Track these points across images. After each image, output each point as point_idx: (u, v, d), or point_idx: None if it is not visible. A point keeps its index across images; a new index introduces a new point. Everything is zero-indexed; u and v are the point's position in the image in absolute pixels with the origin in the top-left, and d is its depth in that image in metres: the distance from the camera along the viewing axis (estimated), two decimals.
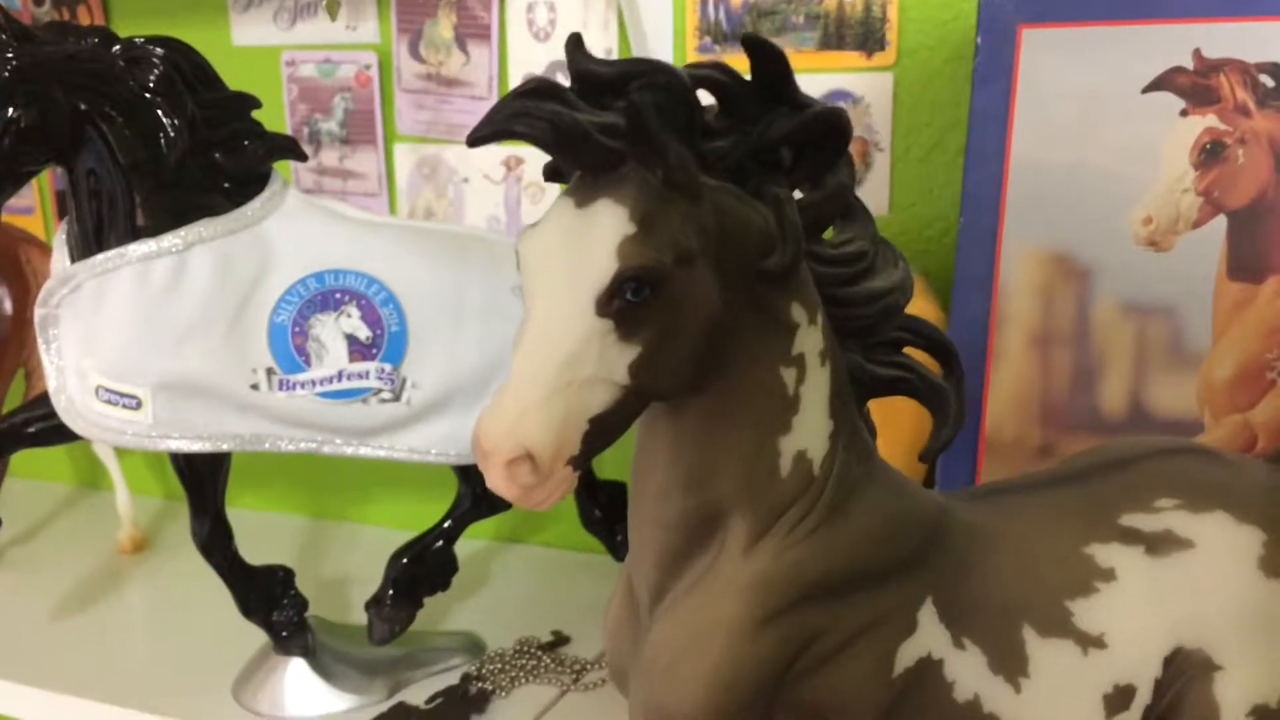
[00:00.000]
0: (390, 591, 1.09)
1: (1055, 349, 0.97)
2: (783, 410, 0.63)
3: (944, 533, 0.68)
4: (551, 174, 0.62)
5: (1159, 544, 0.68)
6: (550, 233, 0.58)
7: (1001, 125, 0.96)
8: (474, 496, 1.12)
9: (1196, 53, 0.92)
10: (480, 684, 1.10)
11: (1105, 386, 0.96)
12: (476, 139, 0.58)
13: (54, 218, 1.66)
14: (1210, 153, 0.93)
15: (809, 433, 0.64)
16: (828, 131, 0.61)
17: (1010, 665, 0.66)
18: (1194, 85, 0.93)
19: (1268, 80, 0.91)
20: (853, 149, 1.19)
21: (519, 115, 0.56)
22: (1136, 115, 0.94)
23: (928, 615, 0.66)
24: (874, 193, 1.22)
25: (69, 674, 1.16)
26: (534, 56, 1.33)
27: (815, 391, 0.64)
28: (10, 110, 0.91)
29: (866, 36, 1.18)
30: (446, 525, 1.12)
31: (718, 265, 0.59)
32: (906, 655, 0.65)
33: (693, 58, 1.25)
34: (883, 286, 0.65)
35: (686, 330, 0.58)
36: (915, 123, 1.19)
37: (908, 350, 0.68)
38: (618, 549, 1.20)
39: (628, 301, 0.55)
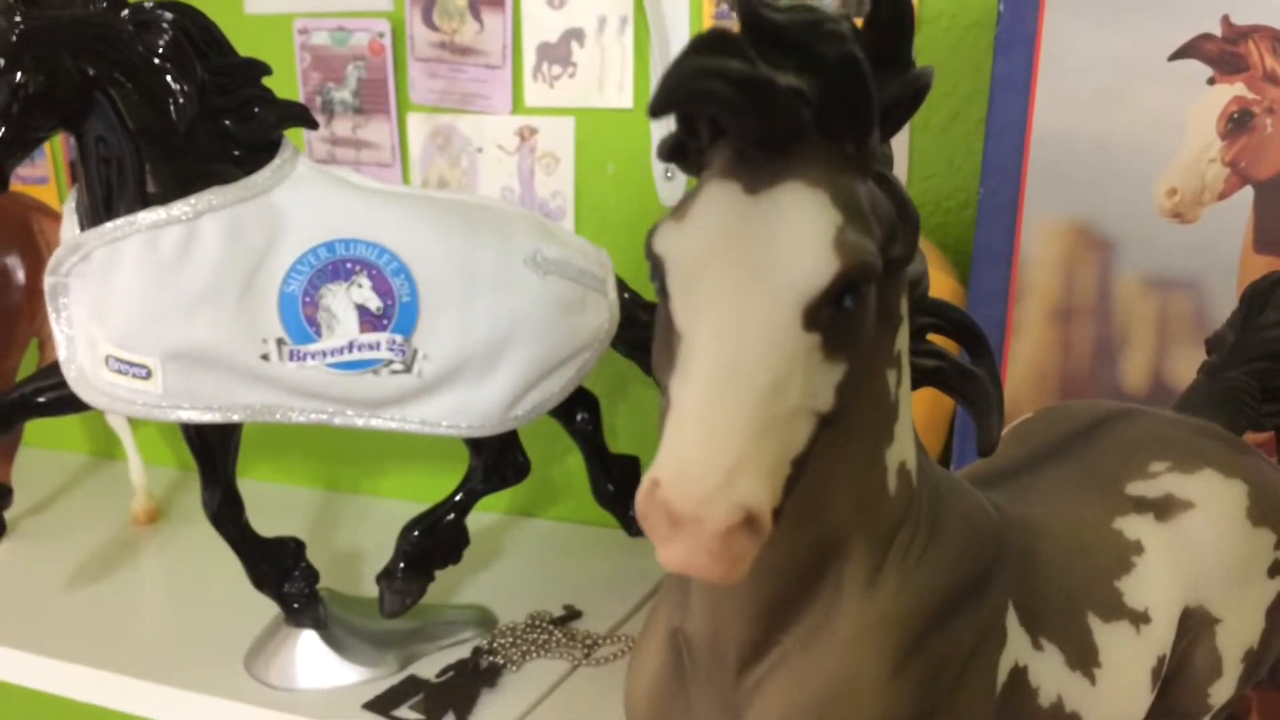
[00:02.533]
0: (401, 564, 1.09)
1: (1076, 322, 0.95)
2: (888, 417, 0.54)
3: (1004, 527, 0.63)
4: (672, 152, 0.50)
5: (1165, 508, 0.69)
6: (719, 227, 0.46)
7: (1024, 94, 0.95)
8: (485, 469, 1.11)
9: (1225, 19, 0.90)
10: (491, 657, 1.10)
11: (1127, 361, 0.94)
12: (660, 108, 0.45)
13: (68, 188, 1.65)
14: (1238, 122, 0.91)
15: (905, 441, 0.56)
16: (917, 98, 0.51)
17: (1083, 659, 0.64)
18: (1222, 53, 0.91)
19: None
20: None
21: (706, 74, 0.44)
22: (1162, 83, 0.92)
23: (1013, 621, 0.61)
24: (894, 164, 1.20)
25: (82, 644, 1.16)
26: (549, 24, 1.32)
27: (905, 393, 0.56)
28: (18, 75, 0.90)
29: None
30: (458, 498, 1.11)
31: None
32: (1004, 666, 0.59)
33: (710, 25, 1.23)
34: (916, 270, 0.57)
35: (875, 341, 0.50)
36: (935, 92, 1.15)
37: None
38: (630, 524, 1.19)
39: (845, 310, 0.46)
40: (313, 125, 1.04)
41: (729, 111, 0.45)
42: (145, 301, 0.94)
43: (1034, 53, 0.94)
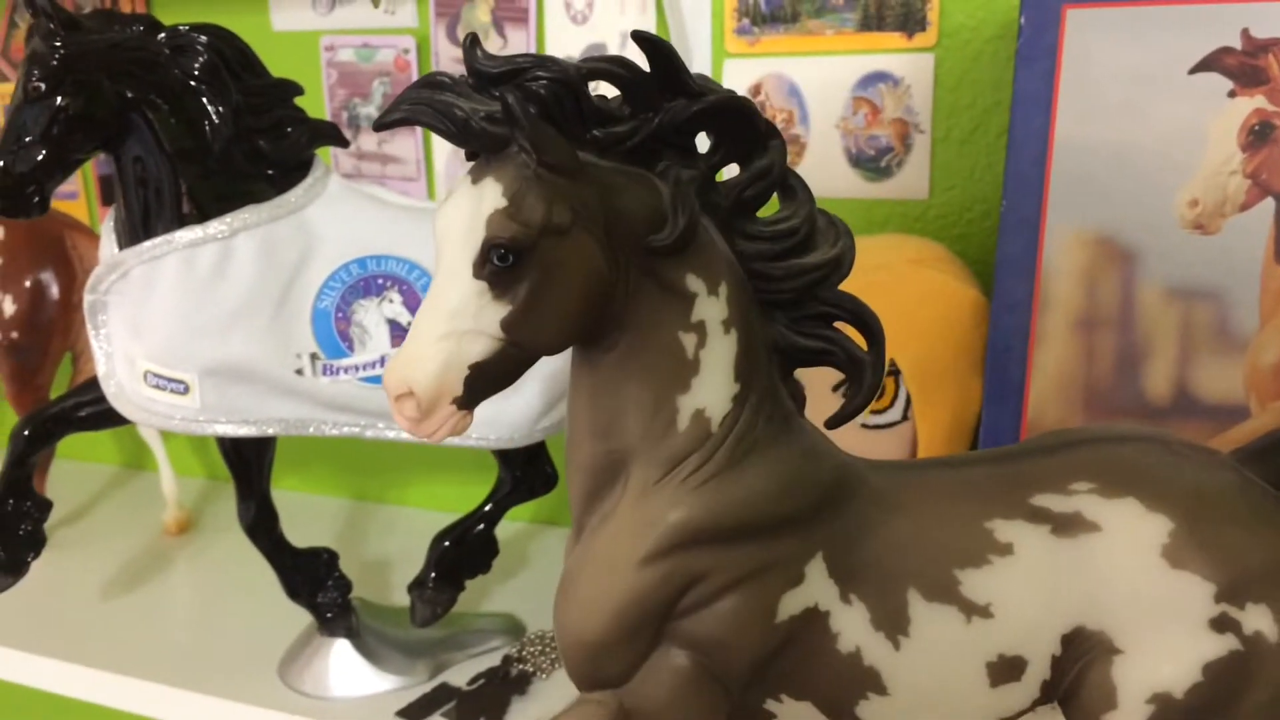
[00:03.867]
0: (433, 574, 1.10)
1: (1099, 333, 0.96)
2: (682, 370, 0.69)
3: (847, 496, 0.72)
4: (469, 155, 0.68)
5: (1066, 525, 0.70)
6: (452, 205, 0.65)
7: (1045, 107, 0.95)
8: (514, 480, 1.13)
9: (1245, 33, 0.90)
10: (521, 665, 1.11)
11: (1150, 371, 0.95)
12: (380, 125, 0.67)
13: (98, 203, 1.68)
14: (1259, 134, 0.91)
15: (709, 393, 0.69)
16: (728, 116, 0.67)
17: (892, 624, 0.70)
18: (1242, 66, 0.91)
19: None
20: (892, 131, 1.20)
21: (415, 104, 0.65)
22: (1183, 96, 0.92)
23: (816, 570, 0.70)
24: (914, 176, 1.21)
25: (117, 653, 1.18)
26: (571, 39, 1.33)
27: (717, 356, 0.69)
28: (58, 99, 0.92)
29: (907, 17, 1.18)
30: (487, 509, 1.13)
31: (605, 237, 0.65)
32: (791, 604, 0.69)
33: (731, 39, 1.25)
34: (810, 263, 0.70)
35: (559, 292, 0.64)
36: (956, 104, 1.18)
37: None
38: None
39: (495, 266, 0.63)
40: (344, 144, 1.06)
41: (432, 129, 0.65)
42: (183, 318, 0.96)
43: (1055, 66, 0.95)
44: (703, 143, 0.69)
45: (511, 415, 1.02)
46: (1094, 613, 0.69)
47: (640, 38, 0.65)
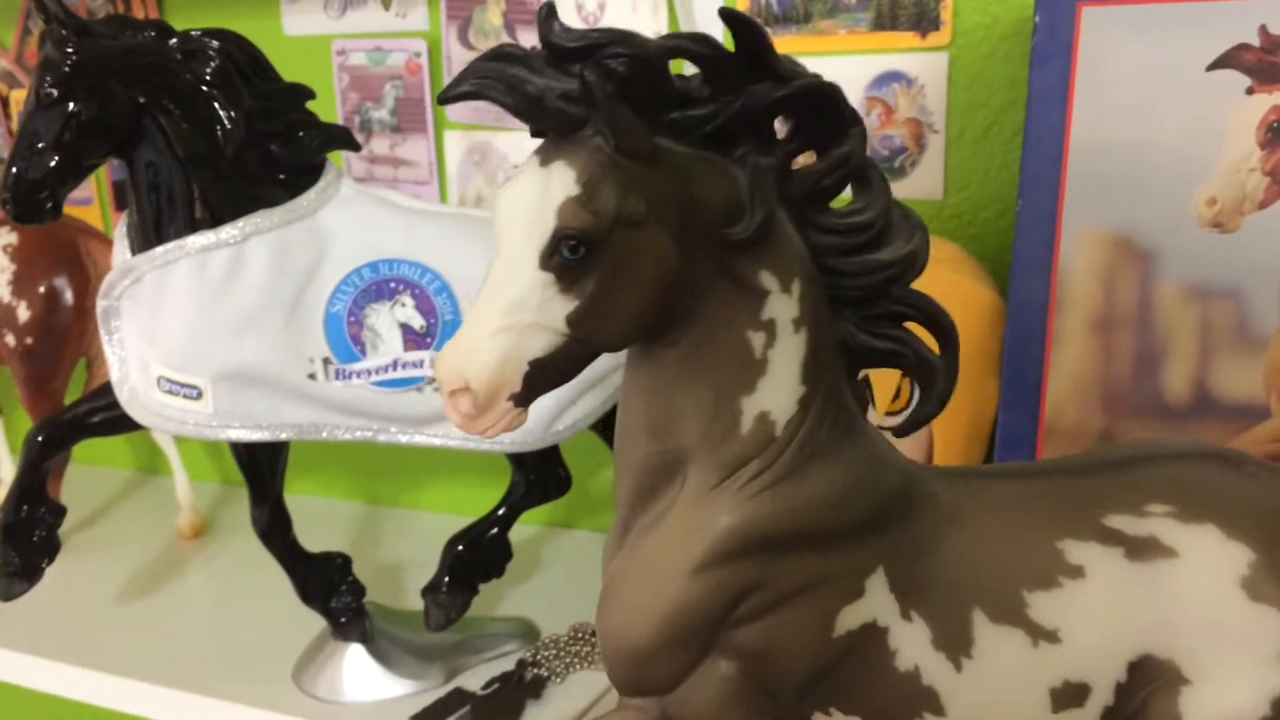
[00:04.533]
0: (446, 578, 1.10)
1: (1117, 333, 0.95)
2: (748, 371, 0.66)
3: (911, 507, 0.69)
4: (535, 132, 0.64)
5: (1141, 549, 0.67)
6: (517, 188, 0.61)
7: (1061, 105, 0.95)
8: (528, 483, 1.12)
9: (1262, 29, 0.89)
10: (536, 670, 1.11)
11: (1169, 371, 0.94)
12: (445, 98, 0.63)
13: (111, 209, 1.68)
14: (1277, 131, 0.90)
15: (775, 395, 0.66)
16: (814, 101, 0.64)
17: (954, 644, 0.67)
18: (1260, 62, 0.90)
19: None
20: (906, 131, 1.19)
21: (485, 78, 0.61)
22: (1200, 94, 0.91)
23: (877, 583, 0.67)
24: (928, 175, 1.20)
25: (131, 658, 1.18)
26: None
27: (786, 356, 0.66)
28: (71, 105, 0.92)
29: (920, 16, 1.17)
30: (501, 512, 1.13)
31: (679, 228, 0.62)
32: (849, 618, 0.67)
33: None
34: (884, 259, 0.66)
35: (629, 287, 0.61)
36: (971, 103, 1.17)
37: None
38: None
39: (565, 258, 0.59)
40: (355, 148, 1.06)
41: (500, 104, 0.61)
42: (195, 323, 0.96)
43: (1071, 64, 0.94)
44: (777, 127, 0.66)
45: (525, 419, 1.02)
46: (1165, 641, 0.67)
47: (729, 15, 0.61)
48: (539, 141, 0.63)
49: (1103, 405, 0.96)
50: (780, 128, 0.66)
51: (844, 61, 1.21)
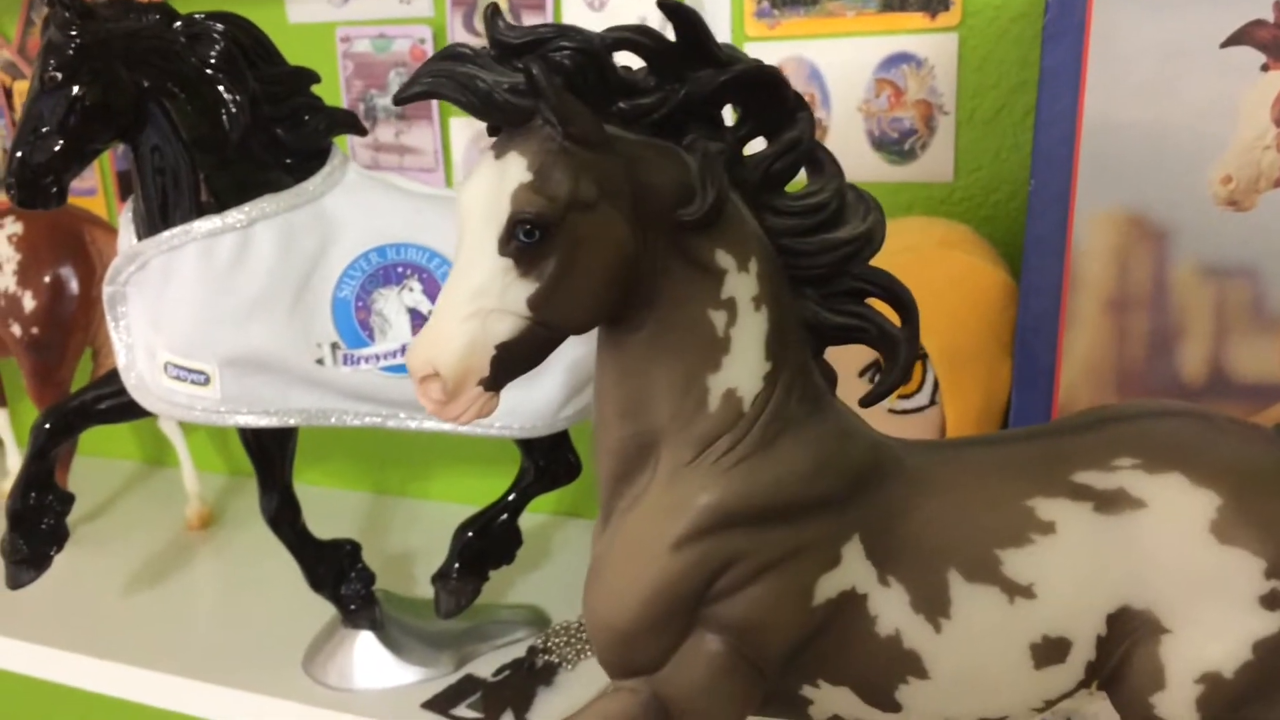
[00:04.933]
0: (456, 565, 1.10)
1: (1131, 313, 0.94)
2: (712, 349, 0.67)
3: (883, 476, 0.71)
4: (491, 130, 0.67)
5: (1110, 502, 0.68)
6: (475, 181, 0.64)
7: (1073, 84, 0.94)
8: (537, 470, 1.12)
9: (1276, 5, 0.88)
10: (546, 656, 1.10)
11: (1184, 351, 0.93)
12: (400, 99, 0.65)
13: (116, 198, 1.67)
14: None
15: (740, 372, 0.68)
16: (758, 88, 0.66)
17: (932, 605, 0.69)
18: (1274, 39, 0.89)
19: None
20: (916, 113, 1.19)
21: (436, 76, 0.63)
22: (1214, 71, 0.90)
23: (853, 551, 0.69)
24: (939, 158, 1.19)
25: (141, 648, 1.18)
26: (589, 26, 1.32)
27: (748, 334, 0.68)
28: (75, 88, 0.92)
29: None
30: (511, 499, 1.12)
31: (633, 212, 0.64)
32: (828, 586, 0.68)
33: (751, 22, 1.23)
34: (841, 238, 0.68)
35: (586, 269, 0.63)
36: (981, 84, 1.16)
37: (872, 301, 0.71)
38: None
39: (521, 242, 0.61)
40: (362, 132, 1.05)
41: (454, 102, 0.63)
42: (202, 308, 0.96)
43: (1083, 43, 0.93)
44: (727, 116, 0.68)
45: (534, 404, 1.01)
46: (1140, 591, 0.68)
47: (666, 6, 0.63)
48: None
49: (1117, 387, 0.95)
50: (729, 115, 0.68)
51: (853, 43, 1.20)
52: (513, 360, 0.63)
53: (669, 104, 0.65)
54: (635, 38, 0.64)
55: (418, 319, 0.99)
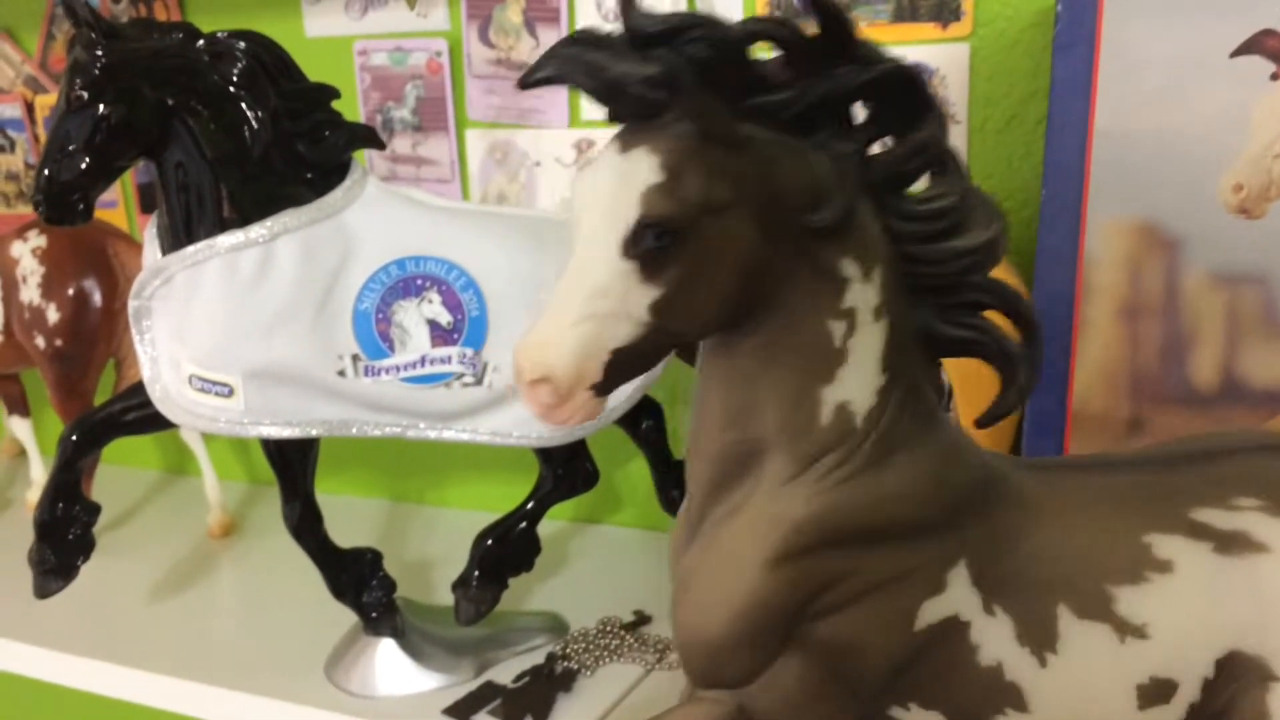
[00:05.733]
0: (476, 572, 1.11)
1: (1144, 321, 0.95)
2: (828, 360, 0.65)
3: (993, 500, 0.68)
4: (614, 116, 0.63)
5: (1230, 543, 0.66)
6: (596, 175, 0.61)
7: (1085, 93, 0.95)
8: (555, 478, 1.13)
9: None
10: (566, 663, 1.11)
11: (1196, 358, 0.94)
12: (526, 83, 0.62)
13: (136, 211, 1.69)
14: None
15: (854, 385, 0.65)
16: (896, 86, 0.63)
17: (1038, 639, 0.66)
18: (1276, 48, 0.90)
19: None
20: None
21: (566, 62, 0.59)
22: (1225, 80, 0.91)
23: (959, 577, 0.67)
24: None
25: (165, 655, 1.19)
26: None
27: (866, 346, 0.65)
28: (100, 107, 0.93)
29: (941, 7, 1.17)
30: (529, 506, 1.13)
31: (762, 215, 0.60)
32: (931, 612, 0.66)
33: None
34: (966, 245, 0.65)
35: (713, 276, 0.60)
36: (993, 94, 1.17)
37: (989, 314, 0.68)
38: None
39: (649, 246, 0.58)
40: (381, 146, 1.07)
41: (580, 89, 0.59)
42: (226, 321, 0.97)
43: (1094, 52, 0.94)
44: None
45: None
46: (1254, 637, 0.66)
47: (815, 4, 0.60)
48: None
49: (1130, 393, 0.96)
50: (855, 112, 0.65)
51: None
52: (628, 365, 0.61)
53: (804, 100, 0.61)
54: (777, 30, 0.61)
55: (437, 330, 1.00)
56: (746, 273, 0.61)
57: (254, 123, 0.97)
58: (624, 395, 1.05)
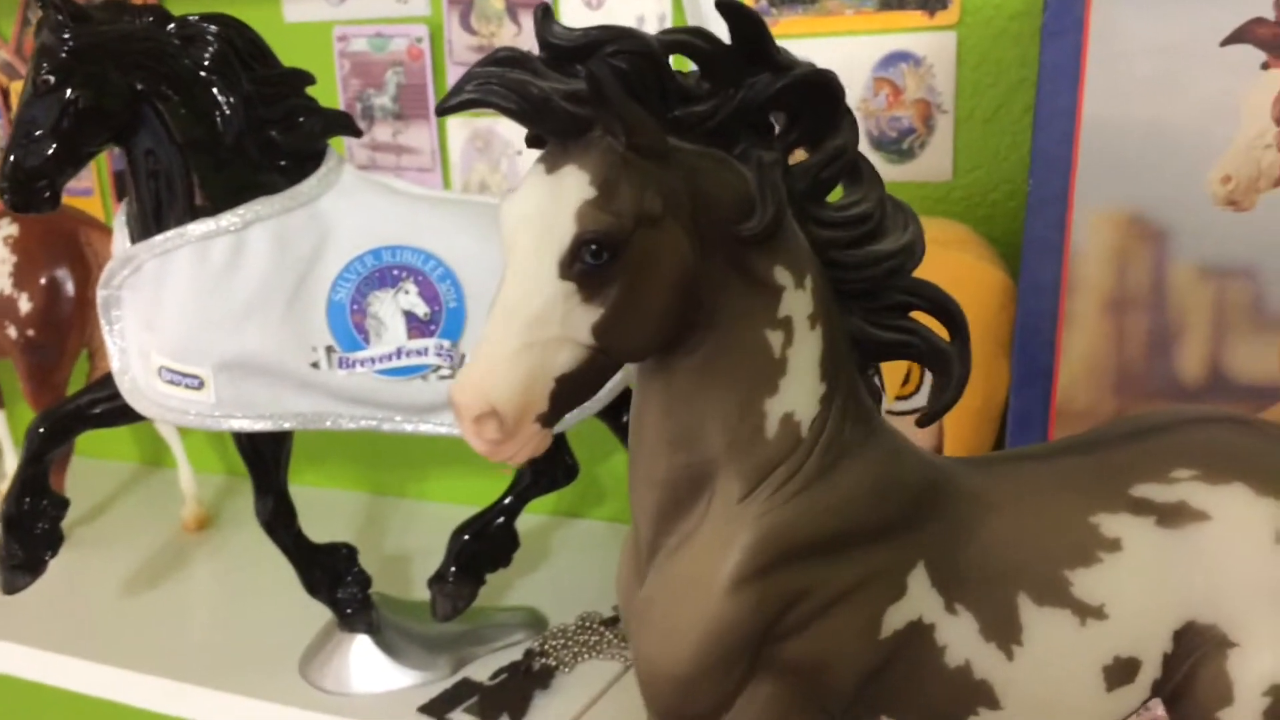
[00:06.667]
0: (453, 568, 1.09)
1: (1130, 314, 0.94)
2: (769, 372, 0.64)
3: (941, 498, 0.68)
4: (533, 140, 0.62)
5: (1172, 515, 0.67)
6: (524, 199, 0.59)
7: (1072, 83, 0.93)
8: (534, 472, 1.11)
9: (1277, 3, 0.88)
10: (544, 659, 1.10)
11: (1183, 352, 0.93)
12: (443, 109, 0.60)
13: (112, 199, 1.67)
14: None
15: (797, 395, 0.64)
16: (814, 93, 0.62)
17: (1003, 632, 0.66)
18: (1275, 37, 0.89)
19: None
20: (914, 112, 1.18)
21: (485, 83, 0.58)
22: (1215, 69, 0.90)
23: (918, 579, 0.66)
24: (937, 157, 1.19)
25: (136, 651, 1.17)
26: (587, 24, 1.31)
27: (805, 355, 0.64)
28: (68, 91, 0.91)
29: None
30: (508, 502, 1.12)
31: (693, 227, 0.60)
32: (895, 618, 0.65)
33: None
34: (887, 249, 0.65)
35: (651, 291, 0.59)
36: (980, 83, 1.16)
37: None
38: None
39: (588, 264, 0.57)
40: (357, 133, 1.05)
41: (503, 111, 0.58)
42: (196, 312, 0.95)
43: (1082, 41, 0.93)
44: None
45: None
46: (1206, 606, 0.66)
47: (726, 6, 0.59)
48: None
49: (1115, 387, 0.95)
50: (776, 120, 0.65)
51: (851, 42, 1.19)
52: (572, 392, 0.59)
53: (724, 110, 0.61)
54: (694, 41, 0.60)
55: (413, 322, 0.98)
56: (684, 286, 0.60)
57: (226, 108, 0.95)
58: (606, 388, 1.03)
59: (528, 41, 1.33)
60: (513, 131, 1.38)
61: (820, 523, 0.64)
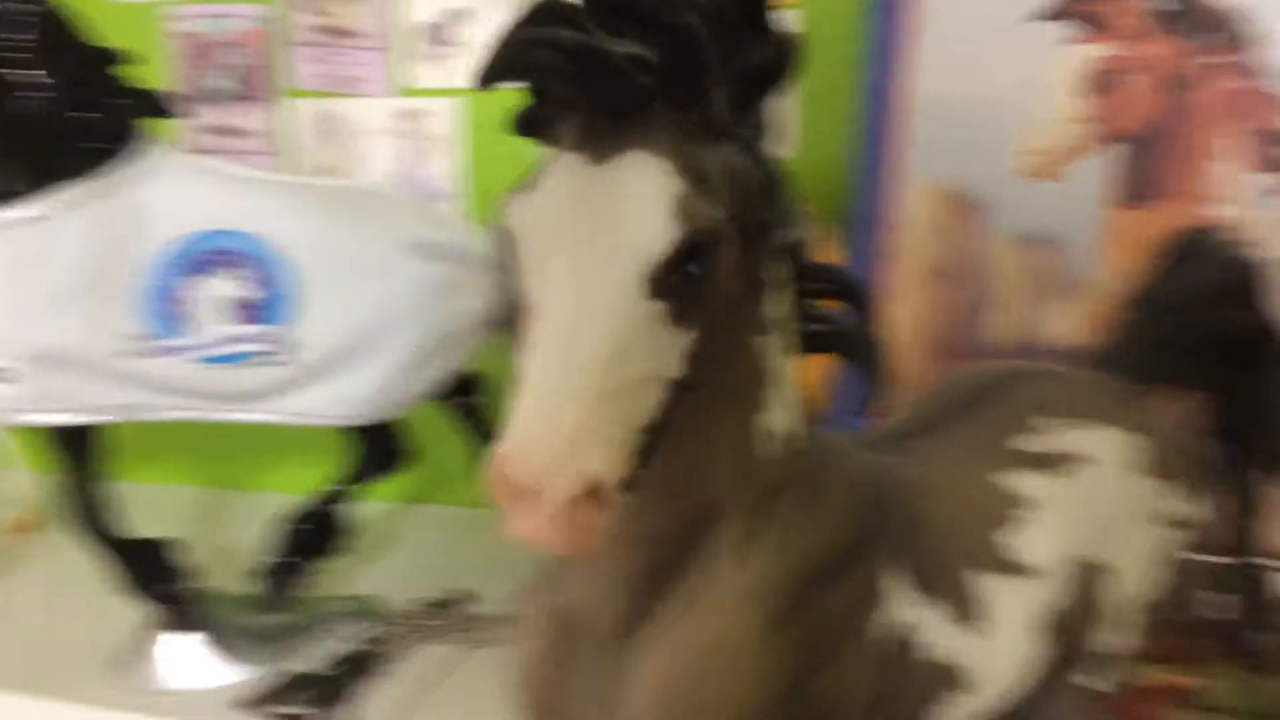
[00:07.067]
0: (282, 558, 1.06)
1: (951, 283, 0.96)
2: (757, 385, 0.54)
3: (885, 493, 0.63)
4: (527, 125, 0.50)
5: (1056, 463, 0.69)
6: (562, 198, 0.47)
7: (896, 59, 0.95)
8: (365, 458, 1.09)
9: None
10: (383, 647, 1.07)
11: (999, 317, 0.95)
12: (489, 79, 0.46)
13: None
14: (1100, 82, 0.92)
15: (779, 407, 0.56)
16: (782, 62, 0.52)
17: (968, 612, 0.63)
18: (1085, 13, 0.91)
19: (1161, 3, 0.89)
20: None
21: (537, 45, 0.45)
22: (1027, 45, 0.92)
23: (896, 582, 0.61)
24: (779, 134, 1.19)
25: None
26: (434, 4, 1.29)
27: (778, 361, 0.55)
28: None
29: None
30: (335, 488, 1.09)
31: (739, 220, 0.49)
32: (880, 627, 0.60)
33: None
34: (789, 237, 0.56)
35: (729, 300, 0.49)
36: (822, 60, 1.16)
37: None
38: None
39: (689, 274, 0.46)
40: (171, 115, 1.00)
41: (563, 80, 0.45)
42: (4, 303, 0.91)
43: (910, 18, 0.94)
44: None
45: (362, 391, 0.98)
46: (1091, 541, 0.68)
47: None
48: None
49: (940, 352, 0.97)
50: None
51: None
52: (653, 445, 0.46)
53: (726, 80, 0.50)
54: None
55: (236, 308, 0.95)
56: (736, 296, 0.49)
57: (31, 89, 0.91)
58: (441, 371, 1.01)
59: (371, 20, 1.30)
60: (358, 113, 1.34)
61: (829, 542, 0.58)
